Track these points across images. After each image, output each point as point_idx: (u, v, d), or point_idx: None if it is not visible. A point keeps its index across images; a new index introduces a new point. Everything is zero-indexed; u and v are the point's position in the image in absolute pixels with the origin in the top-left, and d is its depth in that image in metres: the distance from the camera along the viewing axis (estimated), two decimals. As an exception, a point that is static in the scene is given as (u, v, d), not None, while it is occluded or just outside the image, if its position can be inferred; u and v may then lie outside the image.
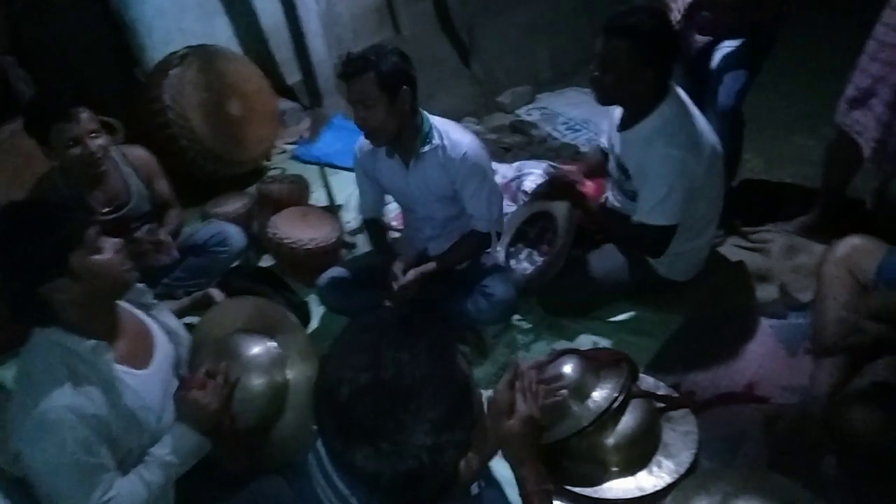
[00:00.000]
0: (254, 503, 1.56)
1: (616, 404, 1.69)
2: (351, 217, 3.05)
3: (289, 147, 3.77)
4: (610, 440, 1.69)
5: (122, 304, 1.55)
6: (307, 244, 2.51)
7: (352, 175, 3.40)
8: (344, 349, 0.89)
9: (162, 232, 2.36)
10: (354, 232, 2.92)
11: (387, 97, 1.86)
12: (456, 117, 3.96)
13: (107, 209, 2.27)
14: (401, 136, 1.99)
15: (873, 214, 2.44)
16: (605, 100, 2.01)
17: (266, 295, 2.44)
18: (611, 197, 2.25)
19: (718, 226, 2.27)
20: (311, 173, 3.27)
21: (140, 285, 1.64)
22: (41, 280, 1.29)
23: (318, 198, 3.10)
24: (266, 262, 2.80)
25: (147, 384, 1.49)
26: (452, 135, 2.04)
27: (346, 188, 3.21)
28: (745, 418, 1.81)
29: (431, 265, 2.10)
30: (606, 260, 2.24)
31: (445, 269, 2.12)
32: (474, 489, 0.99)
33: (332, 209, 2.82)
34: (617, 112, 2.14)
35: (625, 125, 2.06)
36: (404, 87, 1.88)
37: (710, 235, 2.20)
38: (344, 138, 3.83)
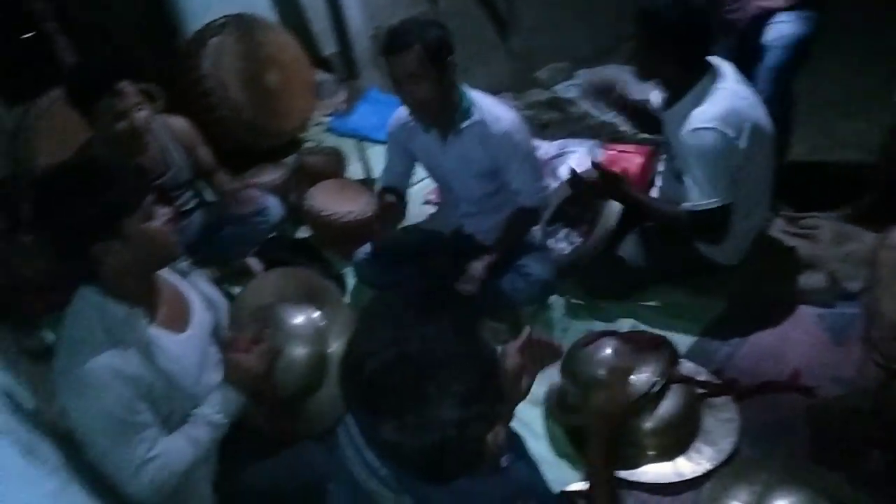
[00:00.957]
0: (290, 467, 1.61)
1: (655, 388, 1.66)
2: (386, 191, 3.03)
3: (325, 119, 3.76)
4: (648, 424, 1.67)
5: (162, 270, 1.56)
6: (344, 217, 2.51)
7: (385, 149, 3.42)
8: (369, 324, 0.90)
9: (234, 186, 2.43)
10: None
11: (434, 70, 1.82)
12: (492, 93, 3.84)
13: (147, 178, 2.29)
14: (440, 111, 1.95)
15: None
16: (643, 76, 2.03)
17: (302, 266, 2.46)
18: (660, 174, 2.19)
19: (767, 209, 2.21)
20: (346, 146, 3.26)
21: None
22: (93, 240, 1.30)
23: (354, 171, 3.09)
24: (302, 233, 2.80)
25: (184, 348, 1.51)
26: (493, 110, 1.99)
27: (380, 162, 3.17)
28: (788, 408, 1.77)
29: (494, 254, 2.07)
30: (648, 241, 2.19)
31: (505, 253, 2.09)
32: (504, 462, 0.99)
33: (369, 183, 2.80)
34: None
35: (667, 103, 2.02)
36: (449, 57, 1.85)
37: (758, 218, 2.13)
38: (379, 112, 3.80)
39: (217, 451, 1.54)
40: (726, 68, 1.93)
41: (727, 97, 1.87)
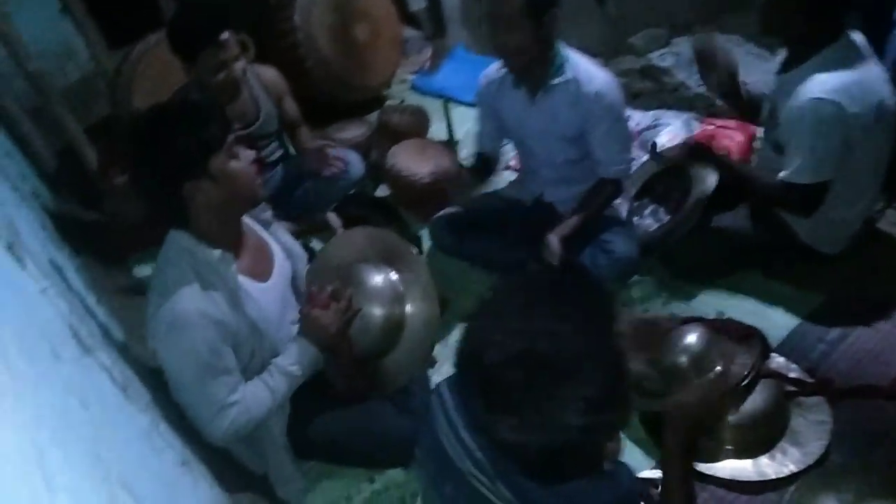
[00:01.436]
0: (359, 422, 1.64)
1: (744, 382, 1.58)
2: (467, 153, 2.98)
3: (409, 77, 3.71)
4: (732, 418, 1.58)
5: (245, 219, 1.59)
6: (424, 178, 2.47)
7: (470, 110, 3.34)
8: (494, 310, 0.84)
9: (317, 144, 2.45)
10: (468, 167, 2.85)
11: (533, 19, 1.74)
12: (583, 57, 3.76)
13: (236, 126, 2.32)
14: (533, 66, 1.88)
15: None
16: (766, 30, 1.88)
17: (380, 225, 2.46)
18: (759, 146, 2.04)
19: (879, 197, 2.03)
20: (430, 105, 3.21)
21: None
22: (184, 177, 1.33)
23: (436, 131, 3.04)
24: (381, 192, 2.80)
25: (267, 296, 1.55)
26: (587, 70, 1.90)
27: (463, 124, 3.12)
28: (887, 416, 1.64)
29: (571, 223, 1.99)
30: (742, 222, 2.06)
31: (583, 224, 2.01)
32: (607, 465, 0.94)
33: (451, 144, 2.75)
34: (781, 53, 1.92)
35: (785, 66, 1.87)
36: (553, 8, 1.76)
37: (865, 206, 1.96)
38: (465, 71, 3.72)
39: (291, 399, 1.57)
40: (858, 37, 1.76)
41: (855, 69, 1.71)
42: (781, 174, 1.79)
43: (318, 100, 3.20)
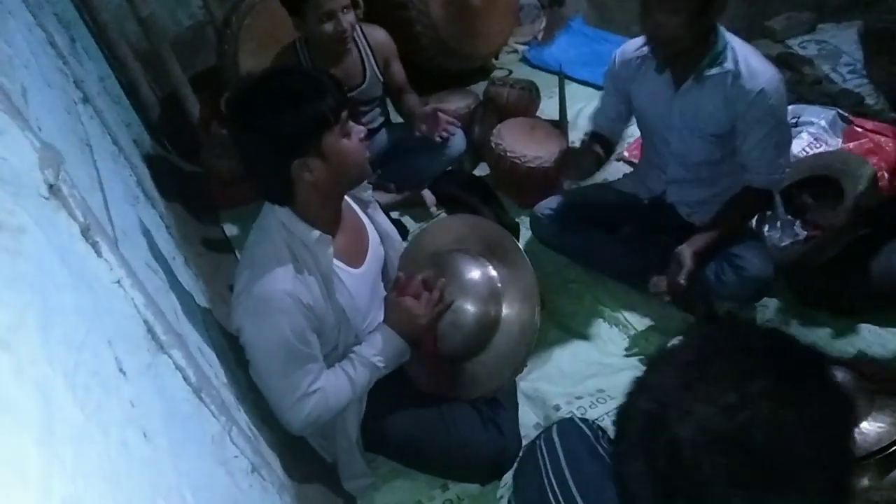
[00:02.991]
0: (437, 424, 1.52)
1: (894, 448, 1.33)
2: (577, 137, 2.75)
3: (519, 47, 3.49)
4: (878, 488, 1.34)
5: (346, 198, 1.47)
6: (530, 161, 2.29)
7: (584, 89, 3.12)
8: (691, 369, 0.64)
9: (429, 108, 2.26)
10: (580, 147, 2.63)
11: (697, 4, 1.50)
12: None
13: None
14: (687, 52, 1.62)
15: None
16: None
17: (477, 207, 2.31)
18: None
19: None
20: (540, 79, 2.98)
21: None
22: (294, 155, 1.23)
23: (546, 109, 2.83)
24: (480, 170, 2.63)
25: (358, 283, 1.45)
26: (752, 61, 1.63)
27: (575, 103, 2.90)
28: None
29: (707, 237, 1.73)
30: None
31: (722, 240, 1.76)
32: None
33: (562, 125, 2.54)
34: None
35: None
36: None
37: None
38: (579, 45, 3.47)
39: (369, 390, 1.47)
40: None
41: None
42: None
43: (422, 66, 3.05)
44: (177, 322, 1.05)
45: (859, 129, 2.41)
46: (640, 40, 1.79)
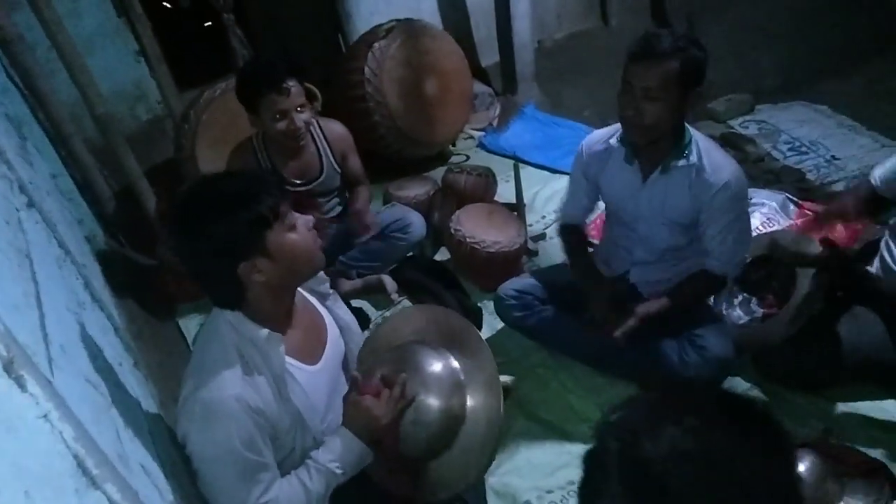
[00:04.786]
0: (406, 534, 1.42)
1: (870, 533, 1.30)
2: (534, 220, 2.80)
3: (476, 133, 3.60)
4: (855, 578, 1.31)
5: (301, 291, 1.44)
6: (490, 247, 2.30)
7: (538, 172, 3.20)
8: (654, 404, 0.74)
9: (360, 208, 2.33)
10: (537, 238, 2.67)
11: (678, 94, 1.55)
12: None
13: (298, 181, 2.23)
14: (658, 142, 1.67)
15: None
16: None
17: (438, 292, 2.30)
18: (886, 252, 1.77)
19: None
20: (496, 164, 3.07)
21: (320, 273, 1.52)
22: (240, 258, 1.20)
23: (501, 192, 2.88)
24: (441, 255, 2.64)
25: (315, 381, 1.39)
26: (714, 155, 1.69)
27: (531, 186, 2.97)
28: None
29: (660, 304, 1.77)
30: (859, 326, 1.79)
31: (670, 312, 1.78)
32: None
33: (519, 208, 2.58)
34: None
35: None
36: (698, 88, 1.58)
37: None
38: (533, 130, 3.60)
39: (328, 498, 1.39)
40: None
41: None
42: None
43: (381, 154, 3.11)
44: (118, 443, 0.98)
45: (809, 213, 2.50)
46: (603, 131, 1.85)
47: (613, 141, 1.78)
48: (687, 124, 1.71)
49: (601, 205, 2.03)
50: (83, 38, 2.77)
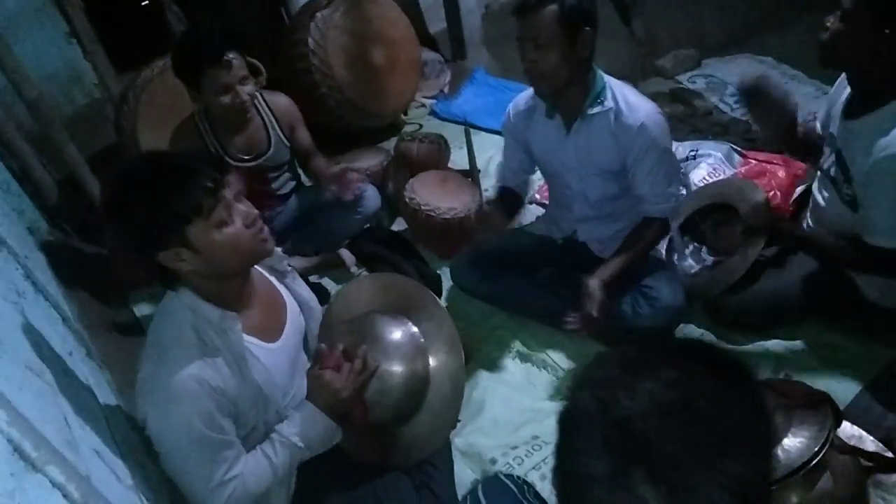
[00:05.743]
0: (374, 498, 1.44)
1: (817, 459, 1.36)
2: (489, 184, 2.80)
3: (427, 101, 3.56)
4: (803, 502, 1.37)
5: (258, 268, 1.42)
6: (445, 213, 2.30)
7: (491, 137, 3.19)
8: (628, 360, 0.73)
9: (336, 169, 2.25)
10: (492, 202, 2.67)
11: (565, 38, 1.59)
12: (608, 80, 3.59)
13: (246, 157, 2.18)
14: (567, 92, 1.71)
15: None
16: (830, 61, 1.58)
17: (397, 263, 2.30)
18: (818, 193, 1.82)
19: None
20: (449, 131, 3.05)
21: (277, 250, 1.49)
22: (158, 247, 1.17)
23: (456, 160, 2.87)
24: (398, 225, 2.63)
25: (275, 358, 1.38)
26: (630, 98, 1.73)
27: (484, 151, 2.96)
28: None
29: (613, 266, 1.79)
30: (799, 269, 1.85)
31: (625, 269, 1.80)
32: None
33: (473, 174, 2.58)
34: (844, 92, 1.69)
35: (852, 111, 1.60)
36: (586, 28, 1.61)
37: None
38: (485, 95, 3.58)
39: (296, 470, 1.39)
40: None
41: None
42: (867, 238, 1.57)
43: (331, 127, 3.06)
44: (65, 429, 0.96)
45: (753, 161, 2.55)
46: (528, 92, 1.87)
47: (537, 99, 1.80)
48: (601, 71, 1.74)
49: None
50: (5, 19, 2.64)
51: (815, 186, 1.84)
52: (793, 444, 1.38)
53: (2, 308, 1.11)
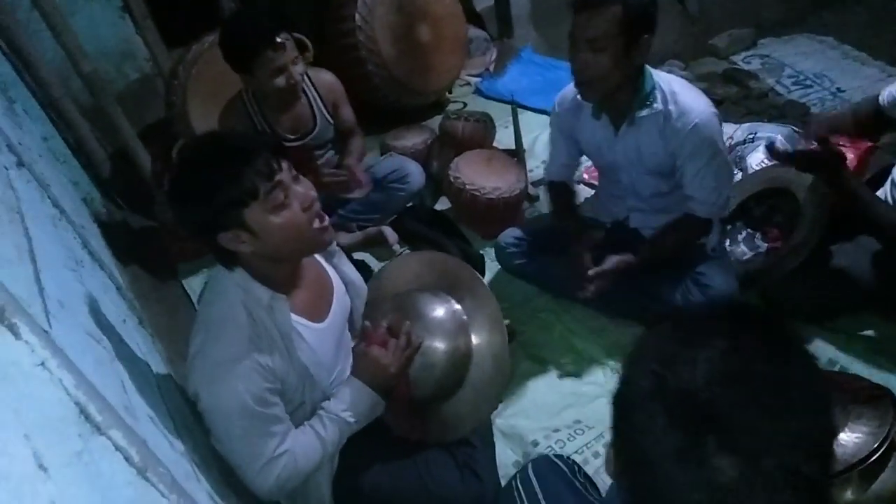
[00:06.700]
0: (416, 476, 1.45)
1: (875, 456, 1.31)
2: (534, 165, 2.77)
3: (472, 79, 3.52)
4: (858, 500, 1.32)
5: None
6: (490, 193, 2.28)
7: (537, 117, 3.14)
8: (681, 331, 0.70)
9: (352, 163, 2.25)
10: (538, 182, 2.64)
11: (623, 42, 1.50)
12: (659, 59, 3.48)
13: (292, 136, 2.19)
14: (615, 96, 1.64)
15: None
16: None
17: (440, 242, 2.29)
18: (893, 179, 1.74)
19: None
20: (494, 110, 3.01)
21: None
22: (220, 229, 1.18)
23: (502, 139, 2.84)
24: (441, 205, 2.62)
25: (322, 338, 1.39)
26: (681, 98, 1.64)
27: (530, 131, 2.92)
28: None
29: (631, 258, 1.77)
30: (860, 256, 1.78)
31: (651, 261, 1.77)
32: None
33: (519, 154, 2.54)
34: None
35: None
36: (646, 35, 1.53)
37: None
38: (531, 74, 3.52)
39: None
40: None
41: None
42: None
43: (376, 104, 3.05)
44: (123, 395, 0.98)
45: (813, 144, 2.44)
46: (572, 86, 1.80)
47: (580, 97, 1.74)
48: (652, 69, 1.66)
49: None
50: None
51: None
52: (849, 439, 1.34)
53: (63, 276, 1.14)
